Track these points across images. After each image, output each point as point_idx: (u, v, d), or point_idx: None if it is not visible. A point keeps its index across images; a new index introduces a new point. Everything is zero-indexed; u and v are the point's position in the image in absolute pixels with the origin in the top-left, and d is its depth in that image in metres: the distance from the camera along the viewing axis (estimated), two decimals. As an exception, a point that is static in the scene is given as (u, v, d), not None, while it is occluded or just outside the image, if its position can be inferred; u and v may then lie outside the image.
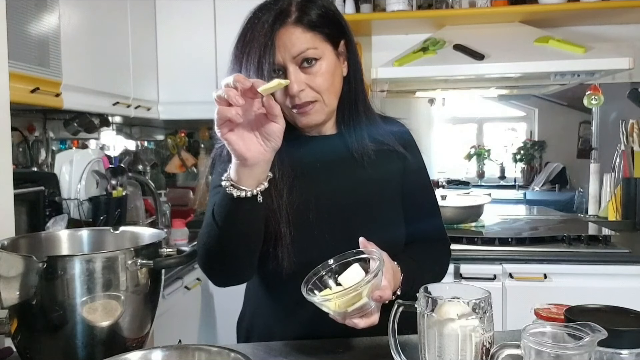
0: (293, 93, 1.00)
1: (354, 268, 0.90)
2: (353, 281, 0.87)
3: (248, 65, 0.98)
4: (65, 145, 2.63)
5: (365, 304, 0.86)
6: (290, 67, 1.00)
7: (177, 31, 2.85)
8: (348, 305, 0.86)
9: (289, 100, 1.02)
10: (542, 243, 2.35)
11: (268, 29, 0.98)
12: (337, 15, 1.06)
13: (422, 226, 1.17)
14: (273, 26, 0.98)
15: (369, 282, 0.84)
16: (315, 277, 0.90)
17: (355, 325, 0.88)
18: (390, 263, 0.95)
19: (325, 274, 0.92)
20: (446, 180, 4.31)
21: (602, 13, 2.66)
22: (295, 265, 1.01)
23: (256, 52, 0.97)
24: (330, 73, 1.03)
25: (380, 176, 1.12)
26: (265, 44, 0.97)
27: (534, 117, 5.33)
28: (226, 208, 0.91)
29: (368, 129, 1.12)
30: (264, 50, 0.97)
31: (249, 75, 0.97)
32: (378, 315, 0.90)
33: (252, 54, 0.98)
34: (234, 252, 0.98)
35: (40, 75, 1.82)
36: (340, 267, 0.92)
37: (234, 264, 1.01)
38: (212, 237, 0.95)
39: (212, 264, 1.01)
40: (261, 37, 0.98)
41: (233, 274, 1.04)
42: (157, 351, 0.80)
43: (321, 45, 1.02)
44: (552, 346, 0.67)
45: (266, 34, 0.98)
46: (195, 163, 3.43)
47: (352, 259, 0.91)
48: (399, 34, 2.96)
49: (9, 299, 0.89)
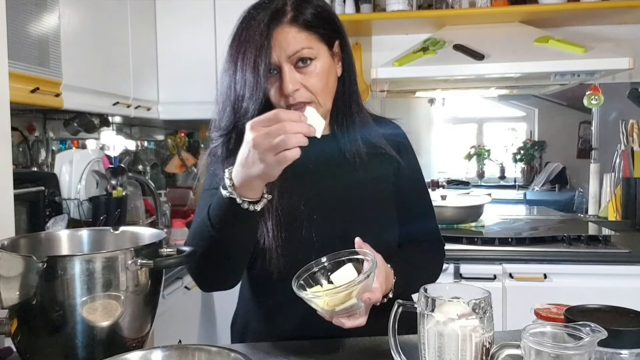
0: (288, 92, 0.99)
1: (347, 268, 0.91)
2: (345, 280, 0.87)
3: (244, 65, 0.98)
4: (65, 145, 2.63)
5: (354, 305, 0.87)
6: (285, 66, 0.99)
7: (177, 31, 2.85)
8: (337, 304, 0.86)
9: (284, 100, 1.01)
10: (542, 243, 2.35)
11: (264, 28, 0.97)
12: (332, 15, 1.06)
13: (417, 227, 1.17)
14: (269, 26, 0.98)
15: (360, 283, 0.84)
16: (306, 274, 0.91)
17: (342, 325, 0.89)
18: (384, 265, 0.95)
19: (317, 270, 0.92)
20: (446, 180, 4.31)
21: (602, 13, 2.66)
22: (286, 266, 1.01)
23: (252, 51, 0.97)
24: (325, 73, 1.03)
25: (372, 178, 1.12)
26: (261, 44, 0.97)
27: (534, 117, 5.32)
28: (227, 215, 0.92)
29: (361, 130, 1.12)
30: (259, 50, 0.96)
31: (244, 75, 0.97)
32: (366, 318, 0.90)
33: (248, 53, 0.97)
34: (228, 257, 0.99)
35: (40, 75, 1.82)
36: (333, 265, 0.92)
37: (226, 269, 1.02)
38: (206, 241, 0.96)
39: (203, 267, 1.01)
40: (257, 36, 0.97)
41: (222, 279, 1.05)
42: (157, 351, 0.80)
43: (316, 45, 1.02)
44: (552, 346, 0.67)
45: (262, 33, 0.97)
46: (195, 163, 3.43)
47: (346, 259, 0.92)
48: (399, 34, 2.96)
49: (9, 299, 0.89)
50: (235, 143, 1.00)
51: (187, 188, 3.37)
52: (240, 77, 0.98)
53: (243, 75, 0.98)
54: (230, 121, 1.01)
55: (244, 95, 0.98)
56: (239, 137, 0.98)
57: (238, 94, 0.99)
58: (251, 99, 0.97)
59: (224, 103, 1.03)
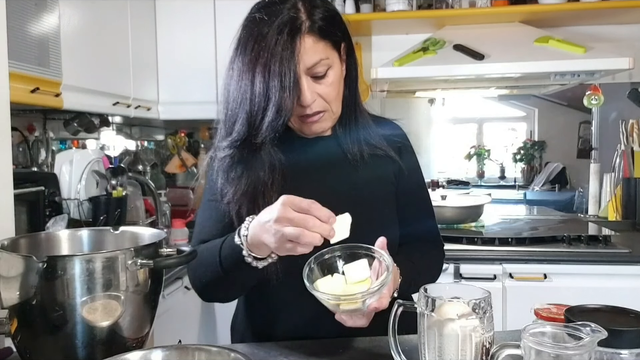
0: (307, 104, 0.99)
1: (361, 263, 0.91)
2: (357, 276, 0.89)
3: (266, 77, 0.95)
4: (65, 145, 2.63)
5: (358, 309, 0.87)
6: (303, 77, 0.98)
7: (177, 31, 2.85)
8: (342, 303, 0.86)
9: (300, 109, 1.01)
10: (542, 243, 2.35)
11: (288, 39, 0.95)
12: (339, 17, 1.06)
13: (417, 228, 1.18)
14: (293, 37, 0.95)
15: (374, 293, 0.85)
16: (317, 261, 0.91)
17: (343, 322, 0.90)
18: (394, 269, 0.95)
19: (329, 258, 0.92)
20: (446, 180, 4.31)
21: (602, 13, 2.66)
22: (286, 267, 1.01)
23: (276, 64, 0.94)
24: (338, 81, 1.04)
25: (373, 179, 1.12)
26: (288, 58, 0.94)
27: (534, 117, 5.33)
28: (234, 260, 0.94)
29: (362, 131, 1.12)
30: (285, 63, 0.94)
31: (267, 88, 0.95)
32: (367, 320, 0.90)
33: (271, 64, 0.94)
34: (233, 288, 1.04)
35: (40, 75, 1.82)
36: (346, 256, 0.92)
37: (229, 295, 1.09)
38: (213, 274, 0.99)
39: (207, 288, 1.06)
40: (279, 47, 0.95)
41: (225, 299, 1.11)
42: (157, 351, 0.81)
43: (331, 54, 1.01)
44: (552, 346, 0.67)
45: (285, 45, 0.95)
46: (195, 163, 3.43)
47: (363, 252, 0.92)
48: (399, 34, 2.96)
49: (9, 299, 0.89)
50: (245, 154, 1.00)
51: (187, 188, 3.37)
52: (262, 90, 0.95)
53: (265, 89, 0.95)
54: (243, 132, 0.99)
55: (266, 109, 0.96)
56: (249, 150, 0.99)
57: (257, 107, 0.96)
58: (277, 116, 0.95)
59: (234, 111, 1.00)
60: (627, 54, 2.42)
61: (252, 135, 0.98)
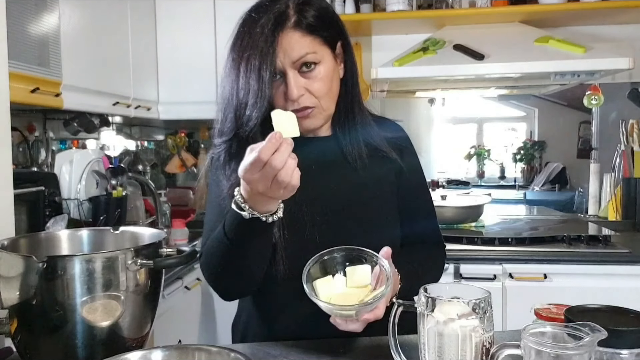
0: (293, 98, 0.99)
1: (365, 268, 0.92)
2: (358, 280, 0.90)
3: (247, 72, 0.96)
4: (65, 145, 2.63)
5: (351, 316, 0.88)
6: (289, 72, 0.99)
7: (177, 31, 2.85)
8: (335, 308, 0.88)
9: (289, 104, 1.01)
10: (542, 243, 2.35)
11: (268, 33, 0.96)
12: (334, 16, 1.06)
13: (418, 229, 1.17)
14: (274, 31, 0.96)
15: (369, 305, 0.86)
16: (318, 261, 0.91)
17: (337, 325, 0.90)
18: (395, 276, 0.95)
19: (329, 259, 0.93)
20: (446, 180, 4.32)
21: (602, 13, 2.66)
22: (289, 268, 1.01)
23: (256, 58, 0.96)
24: (329, 77, 1.03)
25: (373, 179, 1.11)
26: (266, 51, 0.96)
27: (534, 117, 5.33)
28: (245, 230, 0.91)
29: (362, 132, 1.11)
30: (264, 57, 0.95)
31: (247, 83, 0.96)
32: (363, 326, 0.90)
33: (252, 59, 0.96)
34: (248, 268, 0.99)
35: (40, 75, 1.82)
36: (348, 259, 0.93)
37: (246, 279, 1.02)
38: (225, 257, 0.96)
39: (224, 280, 1.02)
40: (260, 42, 0.96)
41: (243, 289, 1.06)
42: (157, 351, 0.81)
43: (320, 49, 1.01)
44: (552, 346, 0.67)
45: (266, 39, 0.96)
46: (195, 163, 3.43)
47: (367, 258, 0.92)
48: (399, 34, 2.96)
49: (9, 299, 0.89)
50: (237, 149, 1.00)
51: (187, 188, 3.37)
52: (244, 84, 0.97)
53: (247, 83, 0.97)
54: (232, 128, 1.00)
55: (247, 102, 0.97)
56: (240, 144, 0.98)
57: (241, 101, 0.98)
58: (254, 107, 0.96)
59: (225, 109, 1.02)
60: (627, 54, 2.42)
61: (241, 130, 0.98)
